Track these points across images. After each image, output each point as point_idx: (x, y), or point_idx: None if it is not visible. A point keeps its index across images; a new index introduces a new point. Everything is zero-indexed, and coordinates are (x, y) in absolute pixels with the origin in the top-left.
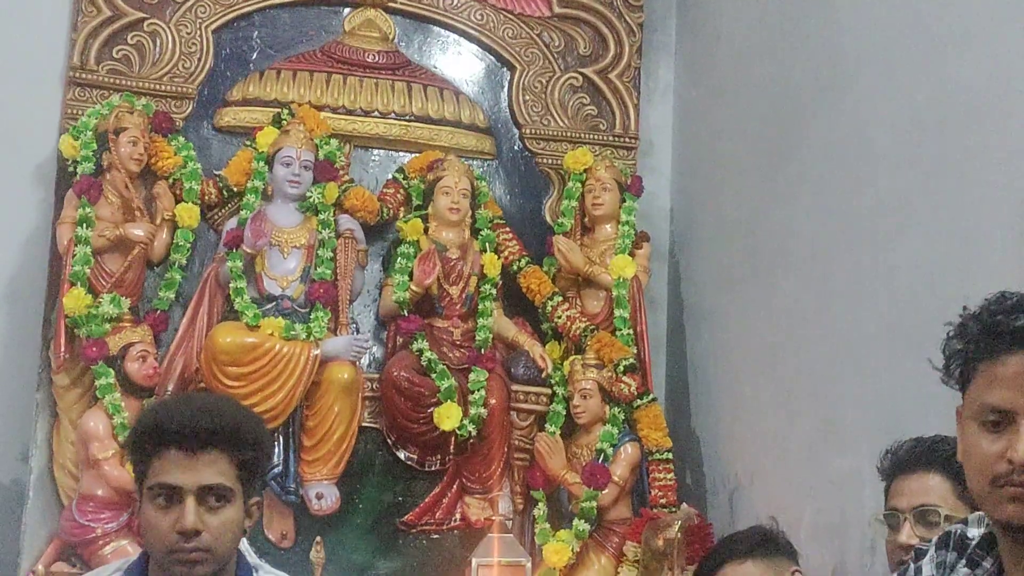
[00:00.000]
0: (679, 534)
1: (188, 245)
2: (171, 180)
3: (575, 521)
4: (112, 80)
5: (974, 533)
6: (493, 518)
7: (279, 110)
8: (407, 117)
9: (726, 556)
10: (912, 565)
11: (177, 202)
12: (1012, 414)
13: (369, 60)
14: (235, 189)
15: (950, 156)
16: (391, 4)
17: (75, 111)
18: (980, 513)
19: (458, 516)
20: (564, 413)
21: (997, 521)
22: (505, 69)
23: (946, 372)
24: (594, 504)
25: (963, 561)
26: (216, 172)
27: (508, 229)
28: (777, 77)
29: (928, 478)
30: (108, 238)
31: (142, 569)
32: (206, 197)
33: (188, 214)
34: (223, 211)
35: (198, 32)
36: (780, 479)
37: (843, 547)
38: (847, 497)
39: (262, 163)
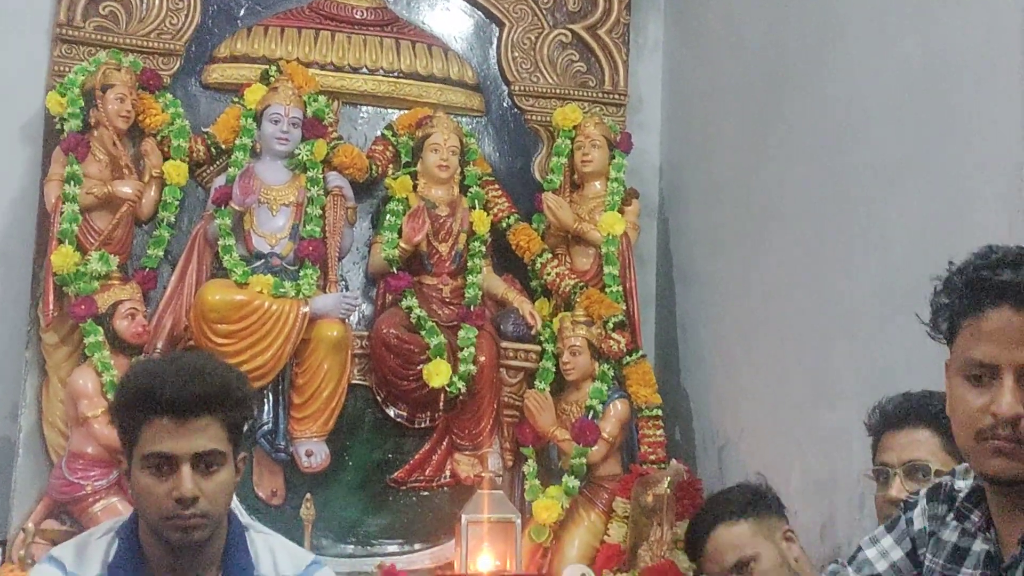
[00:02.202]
0: (668, 490)
1: (176, 203)
2: (159, 137)
3: (565, 478)
4: (99, 37)
5: (961, 485)
6: (483, 475)
7: (267, 67)
8: (395, 74)
9: (718, 517)
10: (903, 516)
11: (165, 159)
12: (996, 368)
13: (357, 16)
14: (223, 146)
15: (941, 116)
16: None
17: (62, 68)
18: (966, 465)
19: (448, 473)
20: (553, 370)
21: (982, 475)
22: (494, 25)
23: (933, 327)
24: (584, 461)
25: (952, 513)
26: (204, 129)
27: (497, 186)
28: (768, 33)
29: (917, 433)
30: (96, 196)
31: (133, 530)
32: (194, 154)
33: (176, 171)
34: (211, 168)
35: None
36: (769, 435)
37: (832, 503)
38: (836, 453)
39: (250, 120)
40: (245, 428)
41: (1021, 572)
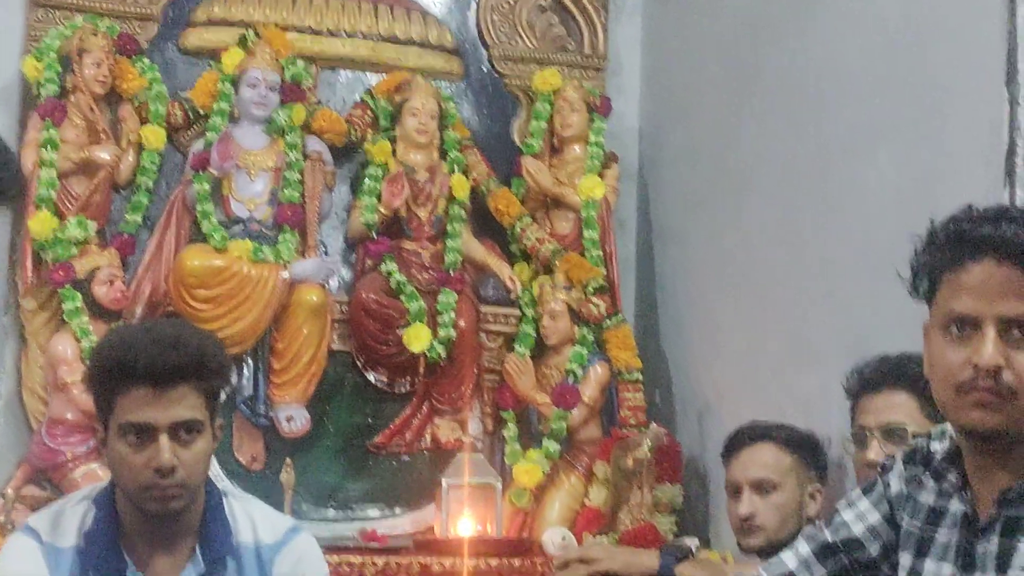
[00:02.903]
0: (648, 454)
1: (154, 168)
2: (136, 102)
3: (545, 441)
4: (75, 1)
5: (938, 447)
6: (463, 439)
7: (244, 31)
8: (374, 37)
9: (771, 437)
10: (879, 480)
11: (143, 124)
12: (977, 321)
13: None
14: (201, 111)
15: (919, 77)
16: None
17: (38, 33)
18: (942, 427)
19: (428, 438)
20: (533, 334)
21: (962, 428)
22: None
23: (913, 285)
24: (564, 424)
25: (929, 475)
26: (182, 94)
27: (476, 150)
28: None
29: (894, 396)
30: (73, 161)
31: (109, 498)
32: (172, 119)
33: (154, 136)
34: (189, 133)
35: None
36: (749, 398)
37: None
38: (816, 415)
39: (228, 85)
40: (222, 396)
41: (998, 532)
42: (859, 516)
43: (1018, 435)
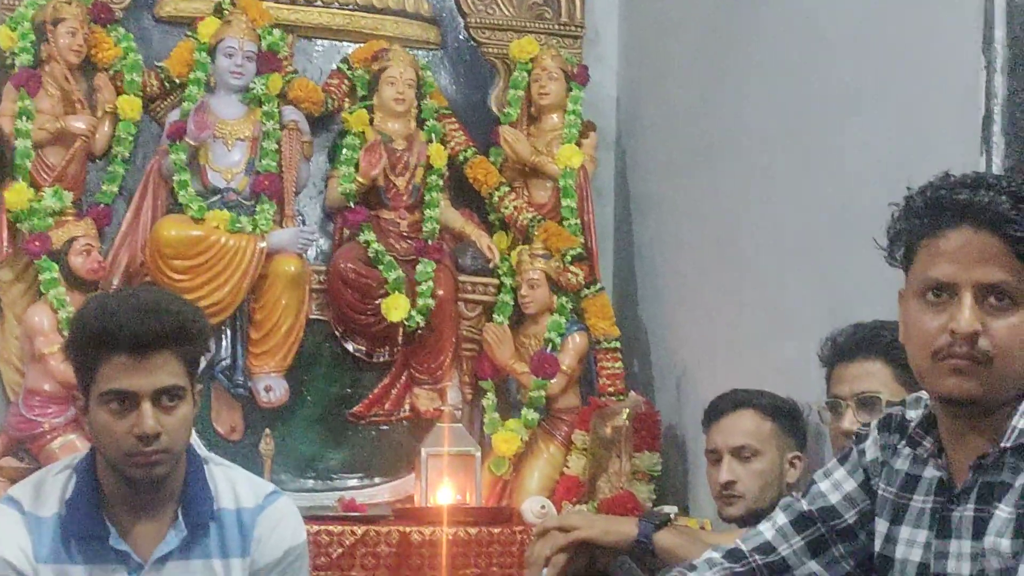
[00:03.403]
0: (627, 422)
1: (130, 138)
2: (112, 72)
3: (524, 410)
4: None
5: (913, 414)
6: (442, 408)
7: (221, 0)
8: (350, 6)
9: (753, 404)
10: (855, 448)
11: (118, 94)
12: (955, 287)
13: None
14: (177, 81)
15: (896, 44)
16: None
17: (12, 2)
18: (917, 395)
19: (407, 407)
20: (512, 303)
21: (938, 395)
22: None
23: (890, 252)
24: (543, 393)
25: (903, 441)
26: (157, 63)
27: (454, 119)
28: None
29: (868, 364)
30: (49, 131)
31: (90, 466)
32: (148, 89)
33: (130, 106)
34: (165, 103)
35: None
36: (727, 366)
37: None
38: (794, 383)
39: (204, 54)
40: (203, 362)
41: (974, 499)
42: (835, 485)
43: (994, 401)
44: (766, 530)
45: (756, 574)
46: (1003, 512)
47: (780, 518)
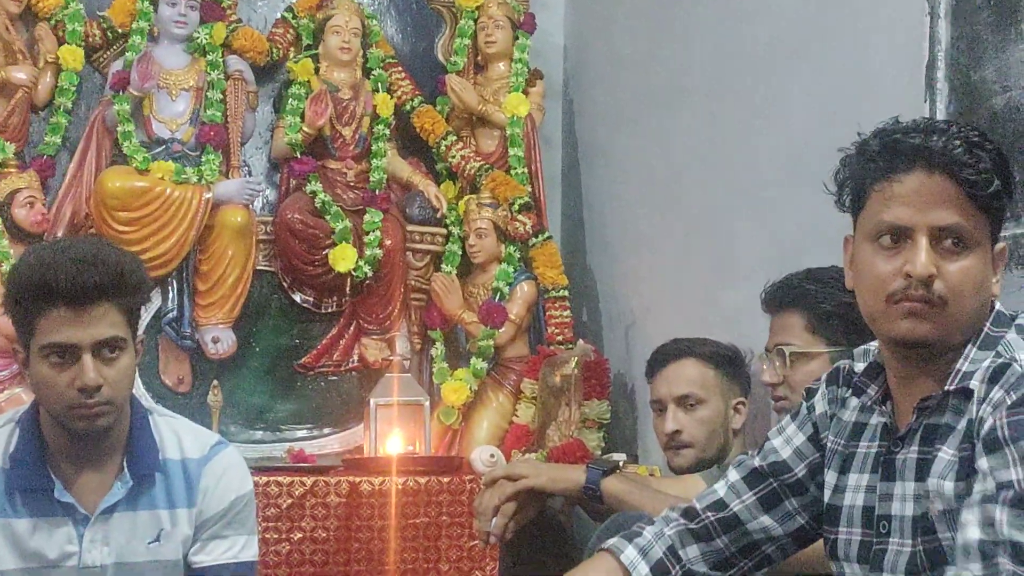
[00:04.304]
0: (576, 370)
1: (73, 88)
2: (53, 21)
3: (473, 360)
4: None
5: (861, 367)
6: (391, 358)
7: None
8: None
9: (694, 352)
10: (804, 403)
11: (60, 44)
12: (909, 231)
13: None
14: (120, 30)
15: None
16: None
17: None
18: (865, 347)
19: (356, 357)
20: (460, 253)
21: (891, 339)
22: None
23: (839, 197)
24: (491, 343)
25: (850, 392)
26: (100, 13)
27: (400, 68)
28: None
29: (785, 317)
30: None
31: (33, 419)
32: (90, 39)
33: (72, 56)
34: (108, 53)
35: None
36: (675, 314)
37: None
38: (742, 330)
39: (147, 3)
40: (143, 312)
41: (917, 441)
42: (786, 440)
43: (945, 344)
44: (719, 488)
45: (710, 530)
46: (946, 454)
47: (733, 475)
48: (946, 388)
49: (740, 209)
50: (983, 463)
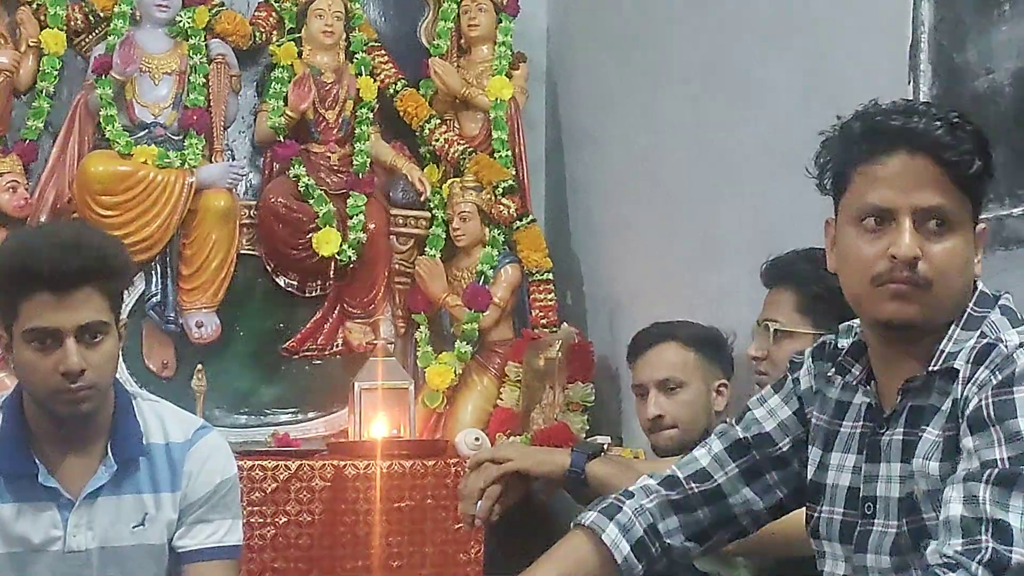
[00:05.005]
0: (560, 353)
1: (55, 72)
2: (35, 5)
3: (457, 343)
4: None
5: (845, 343)
6: (375, 342)
7: None
8: None
9: (674, 336)
10: (789, 377)
11: (42, 28)
12: (893, 213)
13: None
14: (102, 14)
15: None
16: None
17: None
18: (849, 323)
19: (340, 341)
20: (444, 236)
21: (876, 321)
22: None
23: (820, 179)
24: (475, 326)
25: (834, 369)
26: None
27: (383, 52)
28: None
29: (778, 293)
30: None
31: (17, 404)
32: (72, 23)
33: (54, 40)
34: (90, 37)
35: None
36: (659, 297)
37: None
38: (725, 311)
39: None
40: (126, 296)
41: (903, 423)
42: (770, 412)
43: (930, 326)
44: (701, 456)
45: (692, 501)
46: (930, 435)
47: (715, 444)
48: (931, 369)
49: (723, 192)
50: (968, 442)
